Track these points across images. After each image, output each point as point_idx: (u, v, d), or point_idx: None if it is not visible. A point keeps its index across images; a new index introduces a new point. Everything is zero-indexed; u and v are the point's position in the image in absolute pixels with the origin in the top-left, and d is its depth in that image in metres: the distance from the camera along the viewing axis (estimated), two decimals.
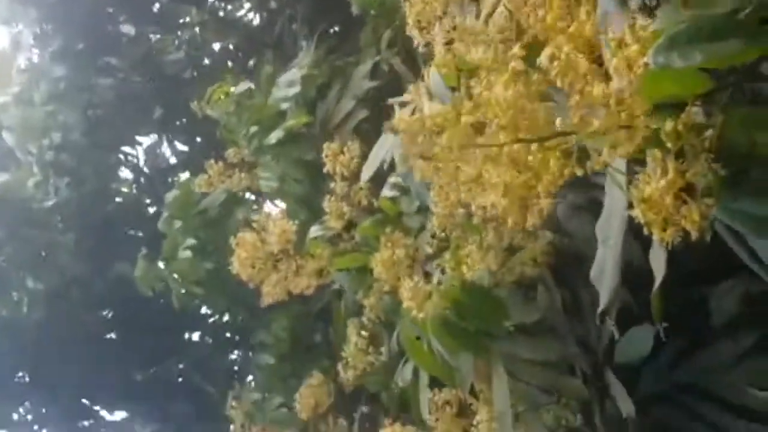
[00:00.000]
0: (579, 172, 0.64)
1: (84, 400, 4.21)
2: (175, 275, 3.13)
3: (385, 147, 1.58)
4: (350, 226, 2.05)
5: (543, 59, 0.69)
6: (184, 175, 4.77)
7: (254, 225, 1.90)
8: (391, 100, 1.80)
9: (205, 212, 3.15)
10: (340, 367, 2.23)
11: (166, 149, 4.89)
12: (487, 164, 0.59)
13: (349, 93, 2.80)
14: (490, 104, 0.58)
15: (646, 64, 0.70)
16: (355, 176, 2.10)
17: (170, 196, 3.14)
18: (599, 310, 0.92)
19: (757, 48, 0.70)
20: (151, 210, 4.52)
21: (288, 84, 2.83)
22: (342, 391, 2.73)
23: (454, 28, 1.30)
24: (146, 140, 4.79)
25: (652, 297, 0.81)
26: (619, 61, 0.70)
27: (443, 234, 1.61)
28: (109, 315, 4.16)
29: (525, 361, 1.59)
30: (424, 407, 1.76)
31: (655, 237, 0.66)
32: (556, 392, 1.59)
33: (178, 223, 3.09)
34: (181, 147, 4.84)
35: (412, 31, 1.33)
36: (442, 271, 1.61)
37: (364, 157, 2.09)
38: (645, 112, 0.71)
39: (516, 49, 0.65)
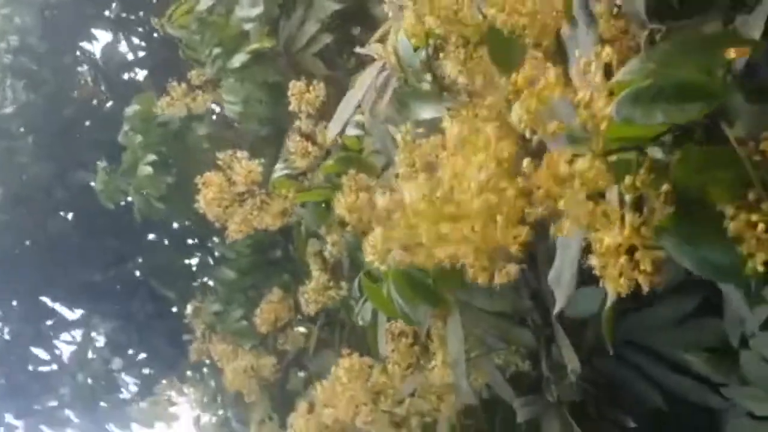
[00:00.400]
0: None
1: (43, 298, 4.26)
2: (136, 189, 3.13)
3: (352, 104, 1.60)
4: (315, 164, 2.07)
5: (513, 117, 0.73)
6: (143, 73, 4.74)
7: (220, 163, 1.92)
8: (359, 49, 1.81)
9: (166, 125, 3.14)
10: (302, 299, 2.32)
11: (123, 47, 4.79)
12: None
13: (314, 15, 2.76)
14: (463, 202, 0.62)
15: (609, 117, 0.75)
16: (321, 114, 2.12)
17: (130, 110, 3.11)
18: (555, 312, 0.99)
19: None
20: (109, 106, 4.46)
21: (251, 3, 2.78)
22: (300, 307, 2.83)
23: None
24: (104, 36, 4.69)
25: (603, 314, 0.88)
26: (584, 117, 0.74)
27: None
28: (70, 218, 4.16)
29: (480, 311, 1.68)
30: (382, 345, 1.85)
31: (610, 290, 0.72)
32: (508, 341, 1.69)
33: (138, 138, 3.07)
34: (138, 42, 4.74)
35: None
36: None
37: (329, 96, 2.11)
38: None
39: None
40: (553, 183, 0.67)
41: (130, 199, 3.33)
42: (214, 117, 3.36)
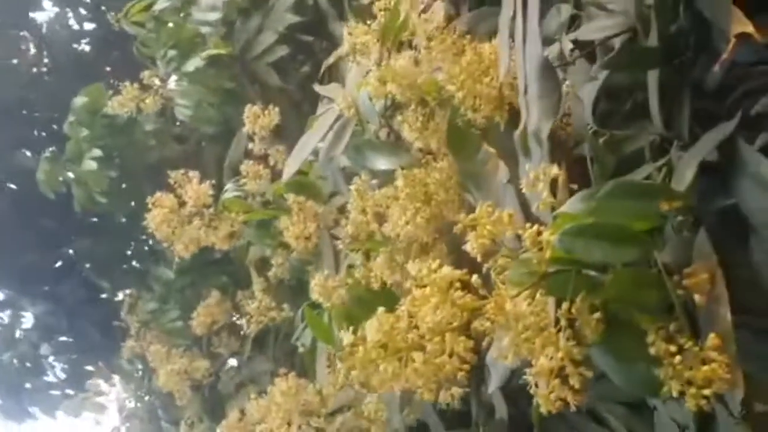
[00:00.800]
0: None
1: None
2: (78, 182, 3.11)
3: (309, 146, 1.65)
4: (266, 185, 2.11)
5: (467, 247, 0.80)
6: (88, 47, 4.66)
7: (172, 182, 1.95)
8: (318, 88, 1.86)
9: (113, 118, 3.11)
10: (243, 321, 2.37)
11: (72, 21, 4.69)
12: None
13: (271, 25, 2.78)
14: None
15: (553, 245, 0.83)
16: (271, 139, 2.16)
17: (78, 100, 3.07)
18: (490, 390, 1.07)
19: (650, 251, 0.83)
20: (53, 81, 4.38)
21: (209, 8, 2.78)
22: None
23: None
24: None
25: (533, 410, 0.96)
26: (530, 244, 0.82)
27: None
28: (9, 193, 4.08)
29: None
30: (321, 372, 1.92)
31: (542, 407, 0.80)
32: None
33: (83, 131, 3.04)
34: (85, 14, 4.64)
35: None
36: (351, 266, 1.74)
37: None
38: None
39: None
40: (499, 316, 0.75)
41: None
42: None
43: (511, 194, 1.07)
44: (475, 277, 0.80)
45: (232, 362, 3.04)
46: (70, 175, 3.17)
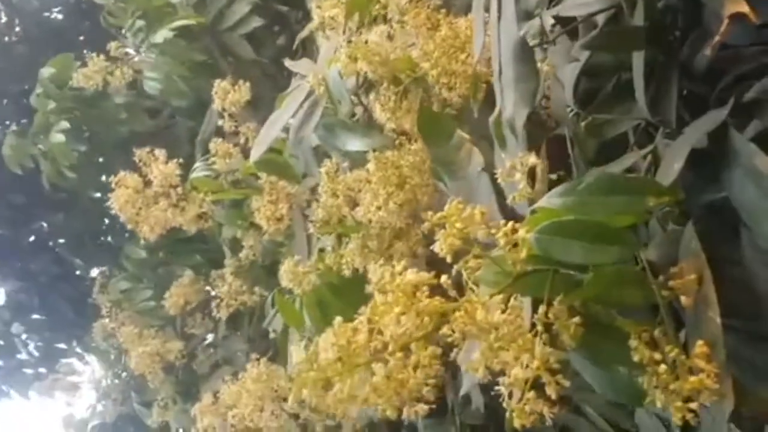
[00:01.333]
0: None
1: None
2: (46, 156, 3.01)
3: (278, 126, 1.57)
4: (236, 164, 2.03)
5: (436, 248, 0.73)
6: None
7: (138, 162, 1.86)
8: (288, 63, 1.77)
9: (81, 90, 3.00)
10: (213, 305, 2.30)
11: None
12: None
13: None
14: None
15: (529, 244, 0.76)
16: (244, 115, 2.07)
17: (45, 71, 2.96)
18: (462, 392, 1.01)
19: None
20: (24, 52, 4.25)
21: None
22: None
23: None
24: None
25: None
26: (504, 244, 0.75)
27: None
28: None
29: None
30: (291, 359, 1.86)
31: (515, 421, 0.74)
32: None
33: (51, 104, 2.94)
34: None
35: None
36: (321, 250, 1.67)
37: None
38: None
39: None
40: (469, 325, 0.68)
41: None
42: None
43: (485, 183, 1.00)
44: (444, 278, 0.73)
45: (210, 339, 2.98)
46: (40, 148, 3.07)
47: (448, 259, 0.74)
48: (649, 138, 0.98)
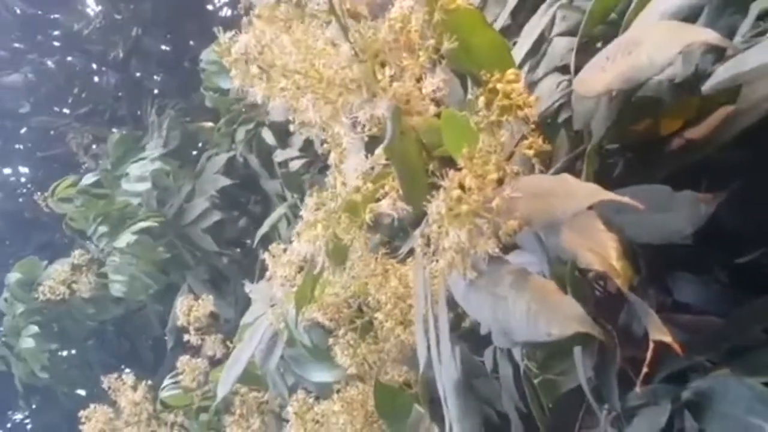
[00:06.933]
0: None
1: None
2: (18, 359, 3.01)
3: (243, 359, 1.59)
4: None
5: None
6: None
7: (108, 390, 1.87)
8: (248, 288, 1.81)
9: None
10: None
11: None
12: None
13: (202, 188, 2.76)
14: None
15: None
16: (209, 327, 2.09)
17: (12, 276, 2.99)
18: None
19: None
20: None
21: (138, 178, 2.75)
22: None
23: None
24: None
25: None
26: None
27: None
28: None
29: None
30: None
31: None
32: None
33: (19, 308, 2.95)
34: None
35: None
36: None
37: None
38: None
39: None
40: None
41: None
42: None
43: None
44: None
45: None
46: (9, 351, 3.06)
47: None
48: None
